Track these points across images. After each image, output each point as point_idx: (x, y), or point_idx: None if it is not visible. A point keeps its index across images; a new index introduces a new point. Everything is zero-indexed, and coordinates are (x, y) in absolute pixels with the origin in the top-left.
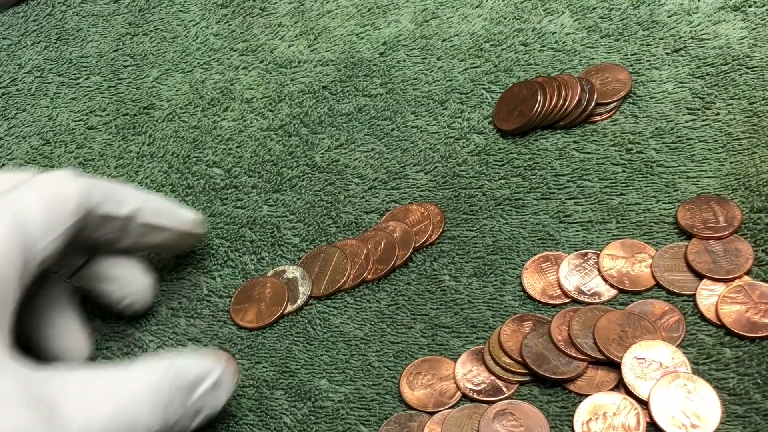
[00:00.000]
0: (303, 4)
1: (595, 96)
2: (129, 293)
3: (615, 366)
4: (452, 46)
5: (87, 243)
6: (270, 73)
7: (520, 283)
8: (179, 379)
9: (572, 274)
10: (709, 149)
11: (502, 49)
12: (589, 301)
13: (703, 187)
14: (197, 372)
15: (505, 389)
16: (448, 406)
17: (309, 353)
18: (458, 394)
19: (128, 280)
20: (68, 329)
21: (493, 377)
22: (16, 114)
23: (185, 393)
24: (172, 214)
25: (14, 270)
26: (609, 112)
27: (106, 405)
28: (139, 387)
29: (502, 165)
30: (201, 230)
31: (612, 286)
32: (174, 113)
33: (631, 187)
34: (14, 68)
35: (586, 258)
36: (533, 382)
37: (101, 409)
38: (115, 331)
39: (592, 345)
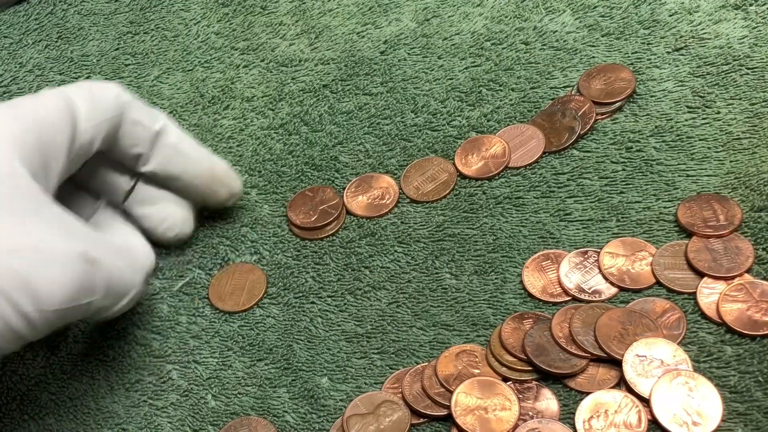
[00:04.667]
0: (304, 3)
1: (589, 125)
2: (168, 216)
3: (616, 363)
4: (453, 44)
5: (121, 156)
6: (271, 72)
7: (521, 281)
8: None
9: (573, 272)
10: (709, 148)
11: (503, 48)
12: (590, 299)
13: (703, 185)
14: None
15: None
16: None
17: (310, 351)
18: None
19: (167, 205)
20: (131, 238)
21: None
22: None
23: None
24: (197, 148)
25: (65, 137)
26: (612, 111)
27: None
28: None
29: None
30: (233, 183)
31: (612, 284)
32: (175, 112)
33: (631, 186)
34: (15, 67)
35: (586, 256)
36: (538, 380)
37: (121, 264)
38: (115, 329)
39: (593, 342)
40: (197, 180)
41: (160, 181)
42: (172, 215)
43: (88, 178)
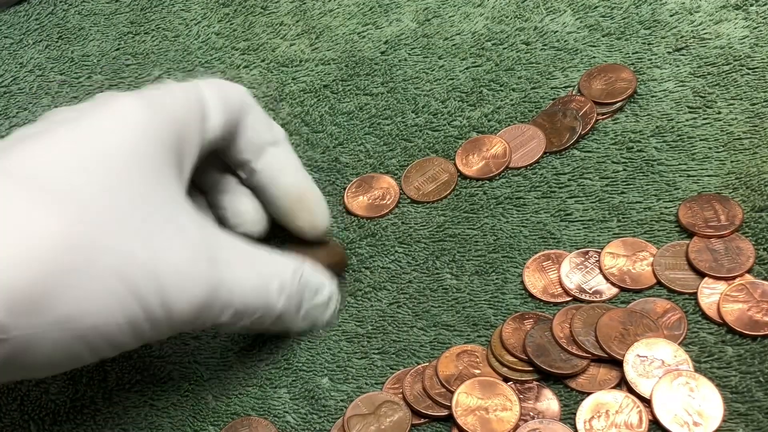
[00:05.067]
0: (304, 3)
1: (590, 125)
2: (242, 212)
3: (617, 364)
4: (454, 44)
5: (228, 156)
6: (271, 72)
7: (522, 282)
8: (303, 279)
9: (573, 273)
10: (710, 148)
11: (504, 48)
12: (591, 299)
13: (704, 185)
14: (316, 282)
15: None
16: None
17: (311, 351)
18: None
19: (246, 201)
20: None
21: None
22: (17, 113)
23: (307, 295)
24: (299, 171)
25: (198, 134)
26: (613, 111)
27: (254, 275)
28: (282, 271)
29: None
30: (318, 218)
31: (613, 284)
32: None
33: (632, 186)
34: (16, 67)
35: (587, 256)
36: (539, 380)
37: (250, 275)
38: None
39: (594, 343)
40: (283, 199)
41: (250, 185)
42: (246, 213)
43: None
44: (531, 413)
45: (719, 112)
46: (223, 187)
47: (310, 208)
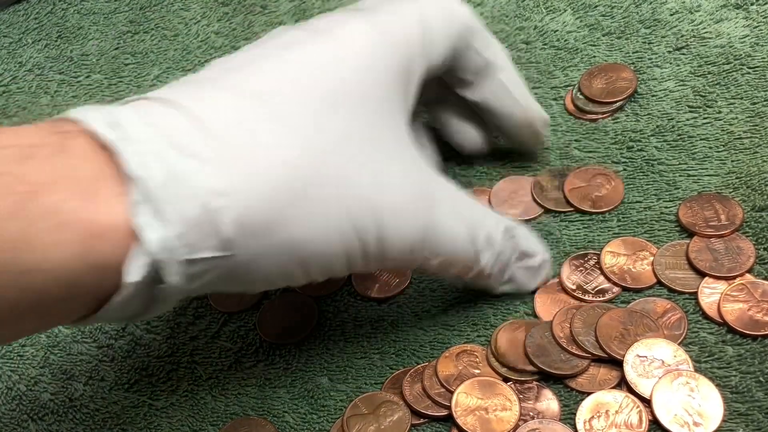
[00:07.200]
0: (304, 3)
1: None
2: (464, 140)
3: (617, 364)
4: None
5: (446, 75)
6: None
7: None
8: (514, 240)
9: (574, 274)
10: (710, 147)
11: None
12: (591, 299)
13: (705, 185)
14: (529, 246)
15: None
16: None
17: (310, 351)
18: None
19: (468, 124)
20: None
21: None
22: (16, 112)
23: (516, 257)
24: (526, 94)
25: (422, 59)
26: (613, 111)
27: (463, 224)
28: (492, 225)
29: (503, 164)
30: (542, 131)
31: (614, 283)
32: None
33: (632, 185)
34: (15, 66)
35: (586, 258)
36: (538, 381)
37: (460, 224)
38: (115, 329)
39: (594, 343)
40: (508, 120)
41: (471, 106)
42: (467, 132)
43: None
44: (531, 413)
45: (720, 112)
46: (443, 102)
47: (535, 130)
